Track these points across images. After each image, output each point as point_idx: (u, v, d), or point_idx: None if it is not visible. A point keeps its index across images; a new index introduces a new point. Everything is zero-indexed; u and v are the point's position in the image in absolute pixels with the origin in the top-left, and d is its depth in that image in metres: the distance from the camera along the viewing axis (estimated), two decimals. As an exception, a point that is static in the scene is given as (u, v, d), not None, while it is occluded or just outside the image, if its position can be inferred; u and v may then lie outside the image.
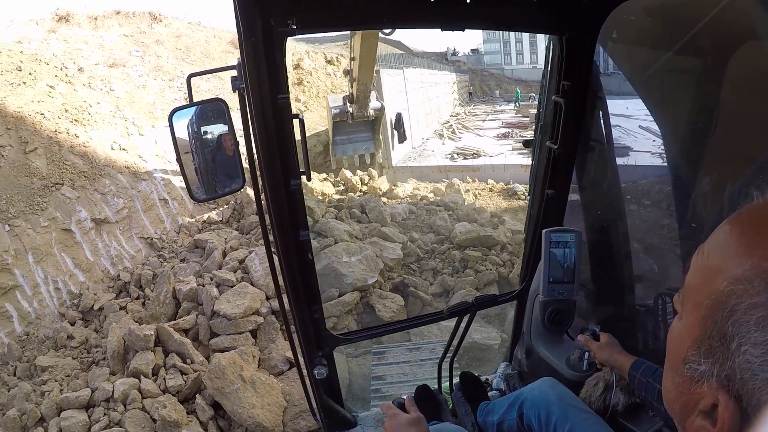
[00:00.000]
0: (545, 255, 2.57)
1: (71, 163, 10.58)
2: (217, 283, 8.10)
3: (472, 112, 38.53)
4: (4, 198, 9.30)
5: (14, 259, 8.77)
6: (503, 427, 2.45)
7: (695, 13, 2.10)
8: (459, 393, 3.00)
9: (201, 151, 1.93)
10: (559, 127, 2.47)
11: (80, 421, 5.71)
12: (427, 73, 32.82)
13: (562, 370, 2.49)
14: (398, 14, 2.00)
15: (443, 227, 11.68)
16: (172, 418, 5.74)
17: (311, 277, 2.36)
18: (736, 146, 2.08)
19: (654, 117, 2.53)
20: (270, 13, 1.71)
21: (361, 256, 9.42)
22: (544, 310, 2.67)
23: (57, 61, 13.60)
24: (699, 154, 2.24)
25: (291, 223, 2.13)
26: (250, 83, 1.72)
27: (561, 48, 2.31)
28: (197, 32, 20.90)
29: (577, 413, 2.14)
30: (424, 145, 25.68)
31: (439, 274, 10.20)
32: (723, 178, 1.98)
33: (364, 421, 3.03)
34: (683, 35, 2.14)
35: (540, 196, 2.75)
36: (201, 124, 1.91)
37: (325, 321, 2.66)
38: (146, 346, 6.62)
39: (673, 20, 2.24)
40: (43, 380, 6.82)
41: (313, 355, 2.55)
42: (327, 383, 2.71)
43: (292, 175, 2.03)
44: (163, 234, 10.97)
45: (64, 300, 8.93)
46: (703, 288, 0.69)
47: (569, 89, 2.38)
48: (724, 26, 1.99)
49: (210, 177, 1.98)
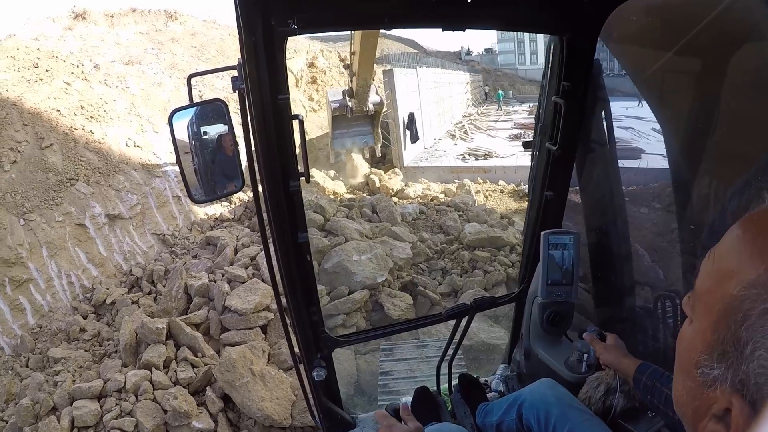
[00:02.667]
0: (544, 257, 2.59)
1: (86, 159, 10.71)
2: (229, 279, 8.18)
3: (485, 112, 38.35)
4: (20, 192, 9.43)
5: (29, 253, 8.90)
6: (502, 428, 2.46)
7: (696, 13, 2.10)
8: (458, 394, 3.00)
9: (200, 151, 1.93)
10: (558, 128, 2.47)
11: (92, 410, 5.80)
12: (441, 73, 32.69)
13: (561, 372, 2.49)
14: (399, 14, 2.01)
15: (453, 227, 11.67)
16: (182, 409, 5.81)
17: (310, 279, 2.37)
18: (737, 147, 2.07)
19: (655, 118, 2.52)
20: (270, 13, 1.72)
21: (371, 255, 9.44)
22: (543, 312, 2.67)
23: (73, 58, 13.73)
24: (699, 154, 2.23)
25: (290, 225, 2.14)
26: (250, 83, 1.73)
27: (561, 48, 2.32)
28: (212, 30, 20.95)
29: (576, 414, 2.15)
30: (436, 145, 25.60)
31: (448, 274, 10.19)
32: (724, 179, 1.98)
33: (363, 423, 3.04)
34: (684, 35, 2.14)
35: (539, 198, 2.75)
36: (201, 125, 1.92)
37: (334, 318, 2.68)
38: (158, 339, 6.70)
39: (674, 20, 2.24)
40: (56, 371, 6.92)
41: (311, 357, 2.56)
42: (326, 385, 2.73)
43: (291, 177, 2.03)
44: (175, 230, 11.09)
45: (77, 294, 9.05)
46: (716, 292, 0.69)
47: (569, 90, 2.38)
48: (724, 26, 1.99)
49: (209, 178, 1.98)
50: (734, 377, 0.64)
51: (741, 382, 0.63)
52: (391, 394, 6.66)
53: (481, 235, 10.93)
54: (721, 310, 0.67)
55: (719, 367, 0.67)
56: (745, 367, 0.62)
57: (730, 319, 0.65)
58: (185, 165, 1.89)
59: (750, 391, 0.61)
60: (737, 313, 0.64)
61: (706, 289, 0.73)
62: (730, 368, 0.65)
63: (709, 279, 0.73)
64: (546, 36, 2.53)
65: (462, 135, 28.22)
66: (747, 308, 0.62)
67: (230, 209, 11.60)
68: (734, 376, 0.64)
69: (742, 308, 0.63)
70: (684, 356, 0.78)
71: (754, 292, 0.62)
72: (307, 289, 2.38)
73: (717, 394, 0.67)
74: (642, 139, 3.11)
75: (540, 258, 2.62)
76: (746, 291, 0.63)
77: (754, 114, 1.93)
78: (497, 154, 21.99)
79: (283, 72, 1.84)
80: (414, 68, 25.30)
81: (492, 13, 2.14)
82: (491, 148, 23.02)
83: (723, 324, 0.66)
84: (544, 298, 2.63)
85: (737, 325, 0.63)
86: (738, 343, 0.63)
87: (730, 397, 0.64)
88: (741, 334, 0.63)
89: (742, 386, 0.63)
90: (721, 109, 2.12)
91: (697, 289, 0.76)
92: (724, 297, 0.67)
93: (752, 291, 0.62)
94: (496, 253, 10.66)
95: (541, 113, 2.68)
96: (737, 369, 0.63)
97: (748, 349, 0.61)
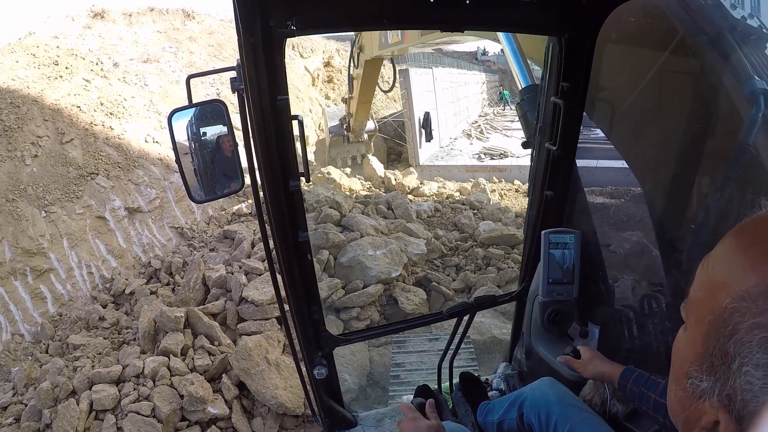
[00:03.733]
0: (544, 256, 2.62)
1: (106, 154, 10.85)
2: (246, 272, 8.25)
3: (501, 112, 38.19)
4: (42, 185, 9.59)
5: (50, 244, 9.05)
6: (503, 426, 2.48)
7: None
8: (459, 393, 3.04)
9: (200, 152, 1.96)
10: (558, 128, 2.48)
11: (111, 394, 5.89)
12: (456, 73, 32.64)
13: (562, 371, 2.51)
14: (398, 15, 2.02)
15: (468, 225, 11.65)
16: (198, 394, 5.89)
17: (311, 278, 2.39)
18: (728, 145, 2.07)
19: (653, 118, 2.54)
20: (269, 14, 1.72)
21: (386, 250, 9.46)
22: (544, 311, 2.70)
23: (92, 56, 13.93)
24: (698, 155, 2.23)
25: (290, 225, 2.16)
26: (249, 84, 1.74)
27: (560, 49, 2.32)
28: (229, 29, 21.06)
29: (577, 413, 2.17)
30: (452, 144, 25.56)
31: (462, 271, 10.16)
32: (723, 180, 1.98)
33: (365, 421, 3.09)
34: (683, 36, 2.14)
35: (539, 197, 2.78)
36: (200, 126, 1.94)
37: (349, 311, 2.68)
38: (176, 327, 6.79)
39: (673, 20, 2.25)
40: (75, 357, 7.04)
41: (312, 356, 2.58)
42: (327, 383, 2.76)
43: (291, 176, 2.04)
44: (193, 224, 11.19)
45: (96, 284, 9.18)
46: (707, 302, 0.69)
47: (568, 90, 2.39)
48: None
49: (209, 178, 2.00)
50: (721, 391, 0.64)
51: (728, 396, 0.63)
52: (403, 385, 6.71)
53: (495, 233, 10.90)
54: (711, 322, 0.67)
55: (708, 380, 0.67)
56: (732, 382, 0.62)
57: (719, 332, 0.65)
58: (185, 165, 1.92)
59: (736, 407, 0.62)
60: (726, 326, 0.64)
61: (699, 298, 0.73)
62: (718, 382, 0.65)
63: (701, 289, 0.73)
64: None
65: (478, 134, 28.14)
66: (736, 321, 0.62)
67: (248, 204, 11.70)
68: (721, 390, 0.64)
69: (731, 321, 0.63)
70: (676, 365, 0.78)
71: (744, 306, 0.62)
72: (308, 287, 2.40)
73: (705, 406, 0.68)
74: (641, 139, 3.11)
75: (541, 257, 2.65)
76: (736, 303, 0.63)
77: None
78: (513, 153, 21.90)
79: (282, 73, 1.85)
80: (430, 68, 25.31)
81: (490, 14, 2.15)
82: (507, 148, 22.93)
83: (713, 336, 0.66)
84: (545, 297, 2.66)
85: (725, 339, 0.64)
86: (726, 357, 0.64)
87: (717, 412, 0.65)
88: (729, 349, 0.63)
89: (729, 401, 0.63)
90: (718, 110, 2.12)
91: (690, 297, 0.77)
92: (715, 308, 0.67)
93: (742, 304, 0.62)
94: (509, 250, 10.63)
95: (540, 113, 2.69)
96: (725, 383, 0.64)
97: (735, 363, 0.62)
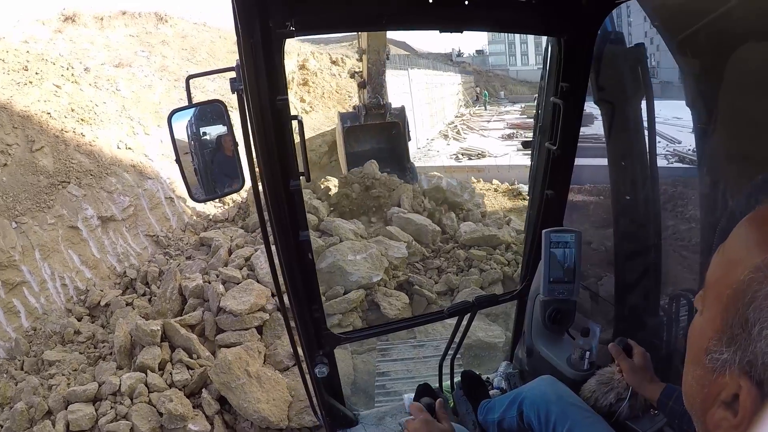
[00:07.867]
0: (545, 255, 2.59)
1: (77, 161, 10.64)
2: (223, 280, 8.12)
3: (477, 112, 38.50)
4: (11, 195, 9.33)
5: (21, 256, 8.81)
6: (503, 425, 2.47)
7: (694, 14, 2.10)
8: (460, 391, 3.02)
9: (200, 152, 1.96)
10: (557, 128, 2.48)
11: (87, 414, 5.74)
12: (432, 74, 32.84)
13: (563, 369, 2.51)
14: (397, 16, 2.02)
15: (448, 226, 11.67)
16: (178, 411, 5.77)
17: (311, 276, 2.39)
18: (738, 146, 2.07)
19: (653, 117, 2.54)
20: (268, 15, 1.73)
21: (366, 255, 9.41)
22: (545, 310, 2.68)
23: (63, 60, 13.69)
24: (700, 153, 2.23)
25: (291, 224, 2.15)
26: (249, 85, 1.74)
27: (559, 49, 2.33)
28: (203, 33, 20.98)
29: (576, 412, 2.15)
30: (429, 145, 25.68)
31: (444, 273, 10.17)
32: (726, 178, 1.97)
33: (366, 420, 3.07)
34: (682, 36, 2.13)
35: (539, 197, 2.77)
36: (200, 126, 1.93)
37: (330, 318, 2.67)
38: (153, 341, 6.64)
39: (672, 21, 2.24)
40: (51, 374, 6.84)
41: (313, 354, 2.57)
42: (328, 382, 2.75)
43: (291, 176, 2.04)
44: (169, 232, 11.05)
45: (70, 296, 8.97)
46: (724, 280, 0.70)
47: (568, 90, 2.39)
48: (723, 26, 1.99)
49: (209, 178, 2.00)
50: (742, 359, 0.65)
51: (749, 363, 0.64)
52: (389, 394, 6.63)
53: (476, 234, 10.93)
54: (730, 296, 0.68)
55: (728, 351, 0.67)
56: (753, 347, 0.63)
57: (738, 303, 0.66)
58: (185, 165, 1.91)
59: (758, 371, 0.62)
60: (745, 296, 0.65)
61: (716, 279, 0.74)
62: (739, 350, 0.65)
63: (718, 270, 0.75)
64: (540, 37, 2.54)
65: (455, 135, 28.33)
66: (754, 290, 0.64)
67: (223, 210, 11.57)
68: (742, 357, 0.65)
69: (749, 291, 0.64)
70: (694, 346, 0.78)
71: (761, 275, 0.63)
72: (308, 286, 2.40)
73: (726, 379, 0.67)
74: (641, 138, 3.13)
75: (542, 256, 2.63)
76: (753, 274, 0.64)
77: (754, 114, 1.92)
78: (490, 153, 22.07)
79: (281, 73, 1.87)
80: (405, 70, 25.39)
81: (489, 14, 2.16)
82: (484, 148, 23.11)
83: (731, 308, 0.67)
84: (546, 296, 2.64)
85: (744, 308, 0.65)
86: (746, 324, 0.64)
87: (738, 380, 0.65)
88: (748, 316, 0.64)
89: (750, 367, 0.64)
90: (719, 109, 2.12)
91: (707, 282, 0.77)
92: (733, 282, 0.68)
93: (759, 274, 0.64)
94: (491, 251, 10.65)
95: (540, 113, 2.70)
96: (745, 350, 0.64)
97: (756, 329, 0.62)
